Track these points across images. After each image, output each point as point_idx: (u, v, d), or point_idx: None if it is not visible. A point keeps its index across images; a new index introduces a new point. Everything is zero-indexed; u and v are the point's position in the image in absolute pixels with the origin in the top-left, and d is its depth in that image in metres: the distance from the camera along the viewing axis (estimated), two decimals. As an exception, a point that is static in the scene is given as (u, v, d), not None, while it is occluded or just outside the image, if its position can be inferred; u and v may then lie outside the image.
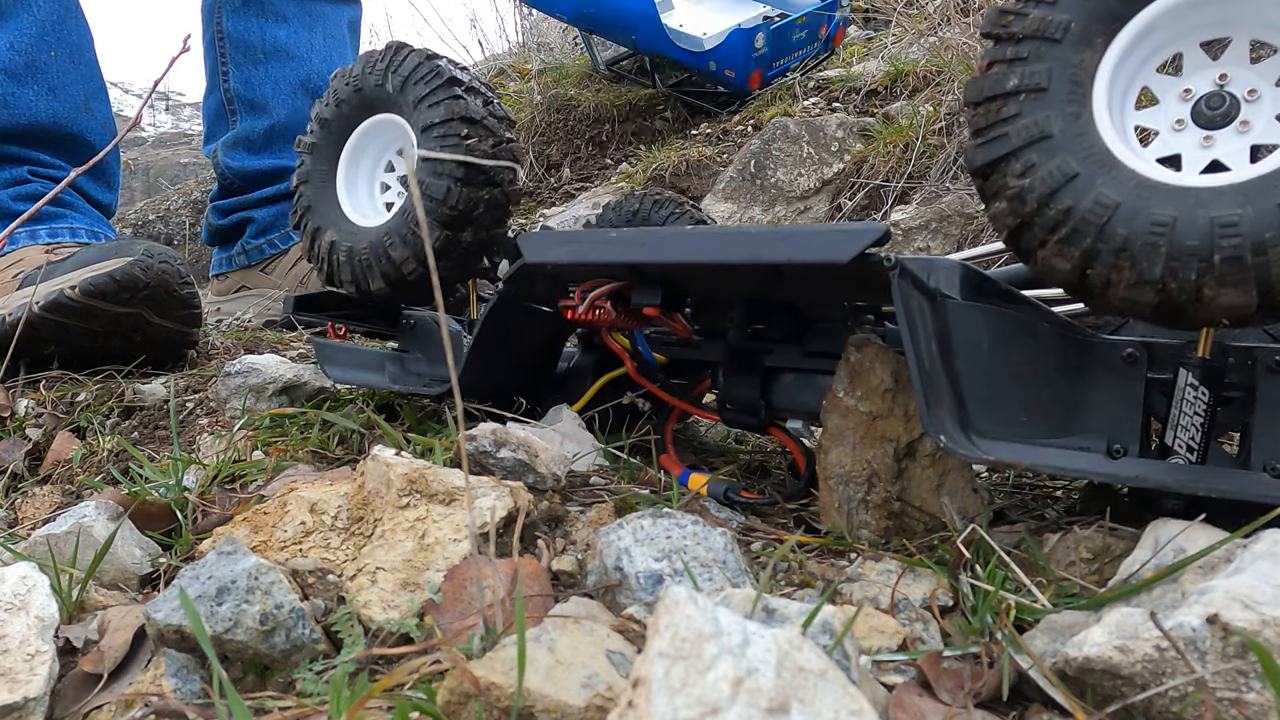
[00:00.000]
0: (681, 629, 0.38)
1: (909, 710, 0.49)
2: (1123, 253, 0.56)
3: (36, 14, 1.46)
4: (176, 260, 1.25)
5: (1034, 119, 0.60)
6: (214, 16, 1.81)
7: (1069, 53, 0.60)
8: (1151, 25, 0.60)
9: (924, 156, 1.90)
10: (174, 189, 3.67)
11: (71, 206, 1.50)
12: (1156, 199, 0.56)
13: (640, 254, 0.75)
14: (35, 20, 1.46)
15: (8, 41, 1.44)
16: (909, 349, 0.62)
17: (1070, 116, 0.59)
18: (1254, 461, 0.60)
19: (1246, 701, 0.44)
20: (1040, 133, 0.60)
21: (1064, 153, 0.59)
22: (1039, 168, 0.59)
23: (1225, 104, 0.59)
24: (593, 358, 1.01)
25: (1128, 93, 0.62)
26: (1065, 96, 0.60)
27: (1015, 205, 0.60)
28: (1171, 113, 0.61)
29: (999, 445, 0.65)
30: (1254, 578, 0.48)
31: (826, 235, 0.66)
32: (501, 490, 0.67)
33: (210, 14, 1.82)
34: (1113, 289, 0.57)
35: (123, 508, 0.76)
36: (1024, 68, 0.61)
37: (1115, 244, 0.56)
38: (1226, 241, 0.53)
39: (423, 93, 0.93)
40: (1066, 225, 0.58)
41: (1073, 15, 0.60)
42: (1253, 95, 0.58)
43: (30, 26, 1.45)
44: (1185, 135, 0.60)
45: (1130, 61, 0.61)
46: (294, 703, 0.51)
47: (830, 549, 0.69)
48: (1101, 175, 0.58)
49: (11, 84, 1.44)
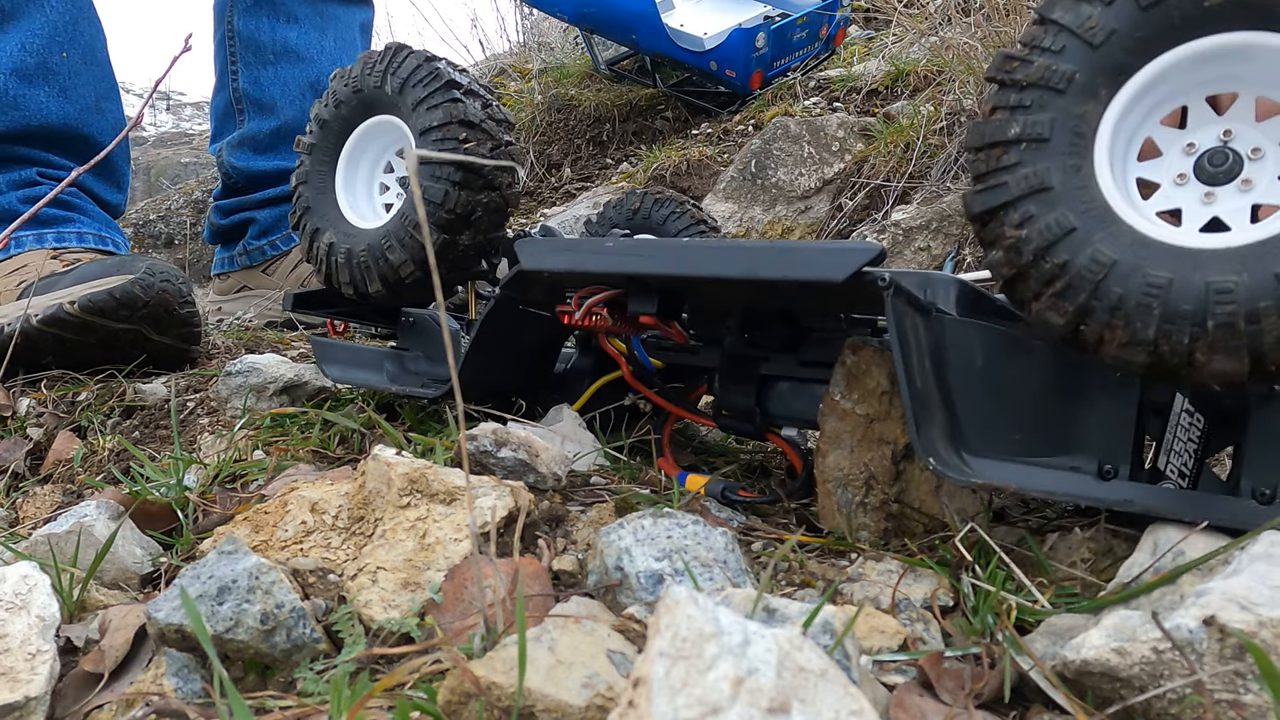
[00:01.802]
0: (682, 629, 0.38)
1: (910, 710, 0.49)
2: (1117, 311, 0.55)
3: (49, 14, 1.45)
4: (178, 279, 1.24)
5: (1034, 169, 0.59)
6: (225, 15, 1.80)
7: (1072, 104, 0.59)
8: (1158, 79, 0.59)
9: (925, 156, 1.90)
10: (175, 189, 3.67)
11: (80, 210, 1.49)
12: (1153, 259, 0.55)
13: (637, 265, 0.76)
14: (48, 20, 1.45)
15: (19, 42, 1.43)
16: (900, 369, 0.62)
17: (1071, 169, 0.59)
18: (1243, 488, 0.60)
19: (1244, 704, 0.44)
20: (1040, 184, 0.59)
21: (1063, 206, 0.58)
22: (1037, 219, 0.58)
23: (1228, 161, 0.58)
24: (590, 359, 1.01)
25: (1131, 144, 0.61)
26: (1067, 148, 0.59)
27: (1012, 256, 0.59)
28: (1174, 166, 0.60)
29: (990, 465, 0.65)
30: (1251, 579, 0.48)
31: (822, 253, 0.66)
32: (502, 490, 0.67)
33: (222, 12, 1.81)
34: (1105, 346, 0.56)
35: (124, 507, 0.76)
36: (1026, 116, 0.60)
37: (1110, 302, 0.56)
38: (1221, 308, 0.53)
39: (421, 95, 0.93)
40: (1062, 280, 0.57)
41: (1077, 66, 0.59)
42: (1256, 154, 0.58)
43: (43, 27, 1.45)
44: (1187, 190, 0.60)
45: (1134, 114, 0.60)
46: (295, 702, 0.51)
47: (831, 549, 0.70)
48: (1099, 231, 0.57)
49: (22, 85, 1.43)
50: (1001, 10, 1.84)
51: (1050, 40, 0.60)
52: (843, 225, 1.92)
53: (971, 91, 1.90)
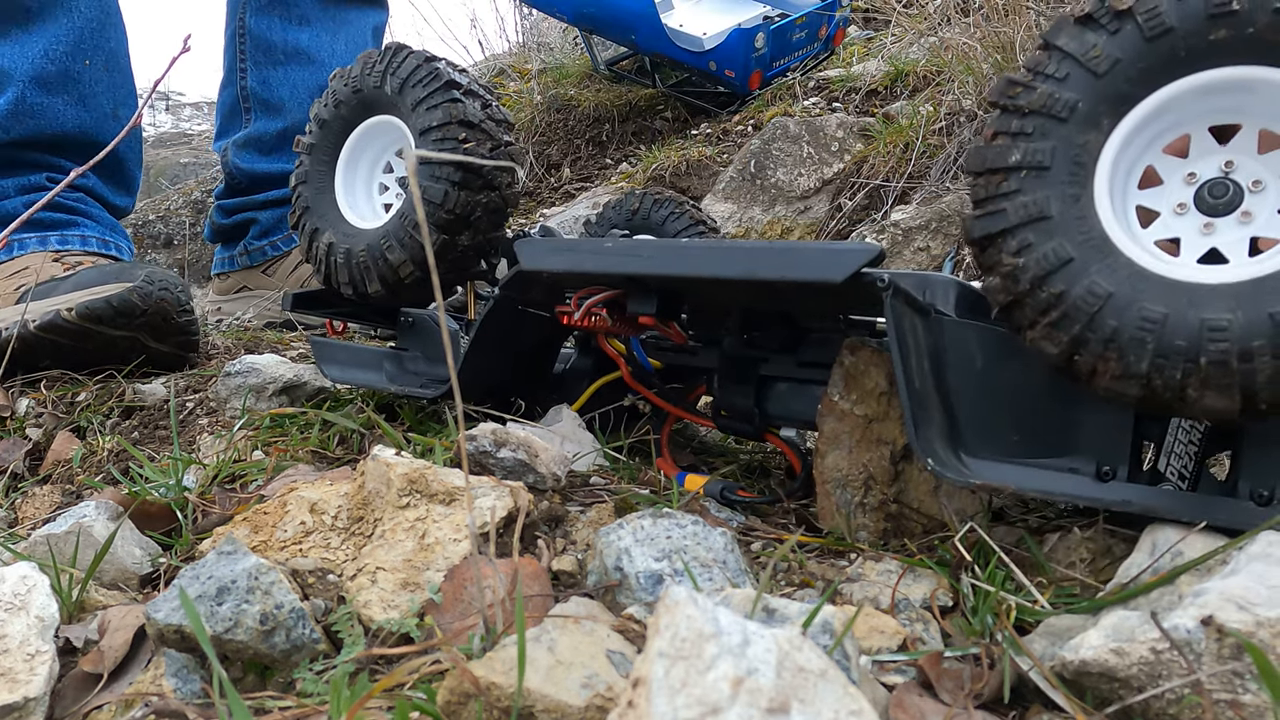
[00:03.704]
0: (682, 629, 0.38)
1: (909, 710, 0.49)
2: (1111, 344, 0.55)
3: (76, 19, 1.43)
4: (177, 287, 1.24)
5: (1033, 197, 0.59)
6: (238, 11, 1.78)
7: (1074, 133, 0.59)
8: (1161, 109, 0.59)
9: (924, 156, 1.90)
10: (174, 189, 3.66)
11: (85, 214, 1.48)
12: (1150, 293, 0.55)
13: (636, 265, 0.76)
14: (74, 26, 1.43)
15: (43, 48, 1.41)
16: (899, 370, 0.62)
17: (1070, 199, 0.58)
18: (1241, 489, 0.60)
19: (1243, 703, 0.44)
20: (1039, 212, 0.59)
21: (1061, 235, 0.58)
22: (1035, 248, 0.58)
23: (1228, 193, 0.58)
24: (589, 360, 1.01)
25: (1131, 173, 0.61)
26: (1067, 177, 0.59)
27: (1009, 283, 0.59)
28: (1174, 196, 0.60)
29: (988, 466, 0.65)
30: (1249, 579, 0.48)
31: (821, 254, 0.66)
32: (501, 490, 0.67)
33: (235, 7, 1.79)
34: (1098, 377, 0.57)
35: (123, 507, 0.76)
36: (1027, 144, 0.60)
37: (1104, 334, 0.56)
38: (1214, 345, 0.53)
39: (421, 95, 0.93)
40: (1057, 310, 0.57)
41: (1080, 95, 0.59)
42: (1257, 186, 0.58)
43: (69, 33, 1.42)
44: (1186, 220, 0.59)
45: (1136, 143, 0.60)
46: (294, 703, 0.51)
47: (830, 549, 0.70)
48: (1096, 262, 0.57)
49: (40, 93, 1.41)
50: (1001, 11, 1.84)
51: (1054, 67, 0.60)
52: (842, 225, 1.92)
53: (971, 92, 1.90)
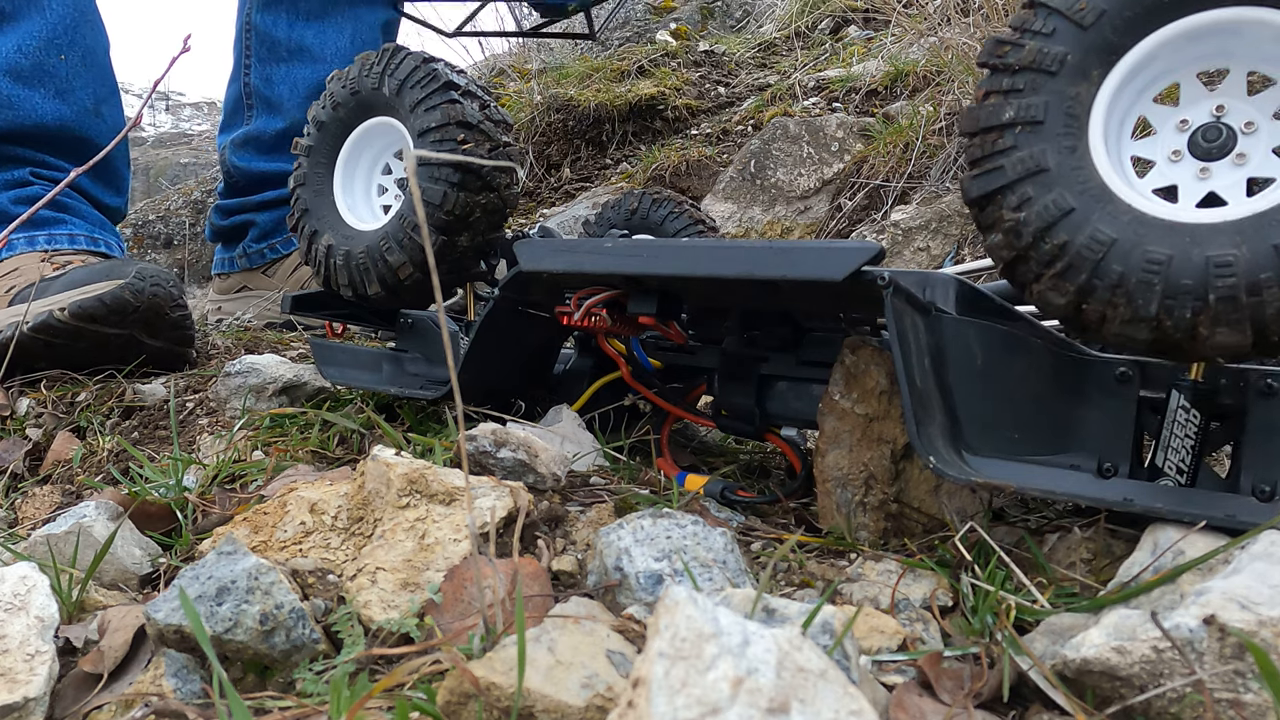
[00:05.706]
0: (681, 629, 0.38)
1: (909, 710, 0.49)
2: (1118, 289, 0.56)
3: (48, 17, 1.45)
4: (169, 283, 1.24)
5: (1030, 152, 0.59)
6: (246, 5, 1.79)
7: (1065, 85, 0.60)
8: (1149, 57, 0.59)
9: (924, 156, 1.90)
10: (174, 189, 3.66)
11: (73, 211, 1.49)
12: (1152, 236, 0.55)
13: (636, 265, 0.76)
14: (47, 23, 1.45)
15: (15, 44, 1.43)
16: (900, 367, 0.62)
17: (1066, 150, 0.59)
18: (1242, 484, 0.60)
19: (1244, 702, 0.44)
20: (1036, 166, 0.59)
21: (1060, 187, 0.58)
22: (1035, 201, 0.59)
23: (1222, 136, 0.58)
24: (589, 360, 1.01)
25: (1124, 123, 0.61)
26: (1061, 129, 0.59)
27: (1011, 239, 0.60)
28: (1168, 143, 0.60)
29: (989, 464, 0.65)
30: (1251, 578, 0.48)
31: (821, 252, 0.66)
32: (501, 490, 0.67)
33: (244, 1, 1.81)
34: (1108, 324, 0.57)
35: (123, 508, 0.76)
36: (1020, 100, 0.60)
37: (1111, 280, 0.56)
38: (1222, 281, 0.53)
39: (419, 97, 0.93)
40: (1062, 260, 0.57)
41: (1069, 48, 0.59)
42: (1249, 128, 0.58)
43: (41, 29, 1.44)
44: (1182, 167, 0.60)
45: (1127, 93, 0.60)
46: (294, 703, 0.51)
47: (830, 549, 0.70)
48: (1097, 210, 0.57)
49: (16, 85, 1.43)
50: (1000, 10, 1.84)
51: (1041, 23, 0.60)
52: (842, 225, 1.92)
53: (970, 92, 1.90)
